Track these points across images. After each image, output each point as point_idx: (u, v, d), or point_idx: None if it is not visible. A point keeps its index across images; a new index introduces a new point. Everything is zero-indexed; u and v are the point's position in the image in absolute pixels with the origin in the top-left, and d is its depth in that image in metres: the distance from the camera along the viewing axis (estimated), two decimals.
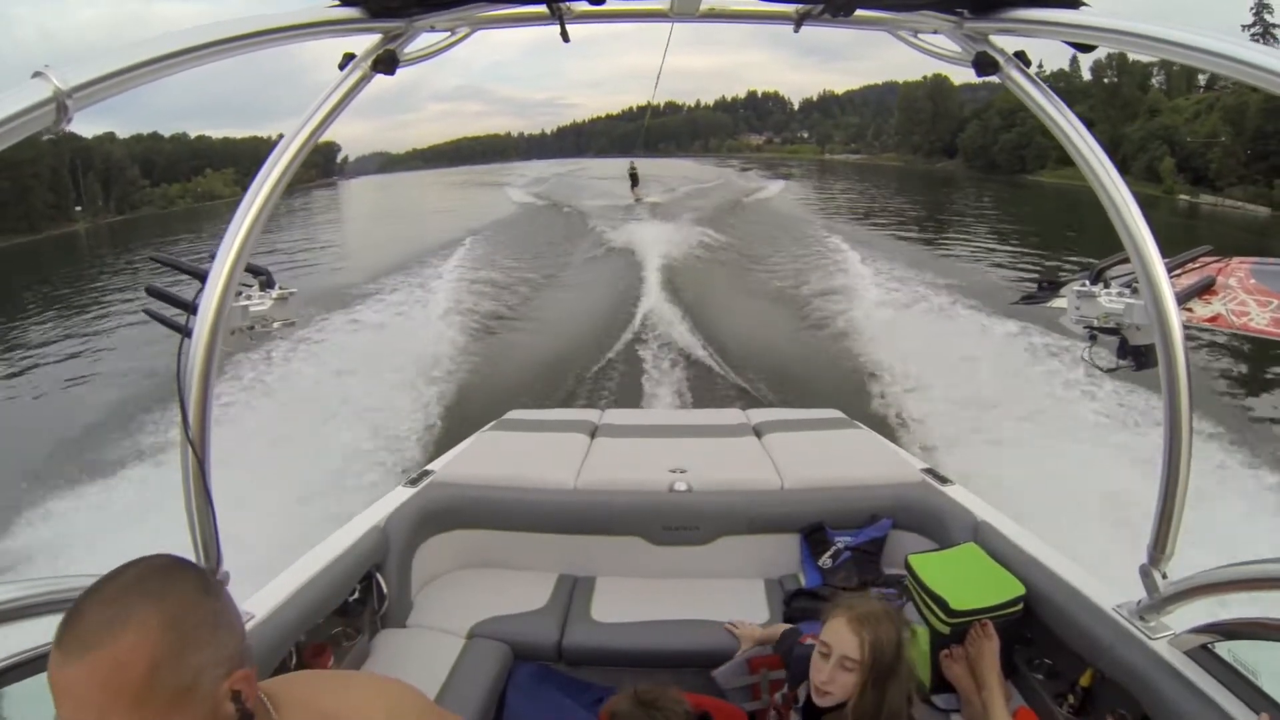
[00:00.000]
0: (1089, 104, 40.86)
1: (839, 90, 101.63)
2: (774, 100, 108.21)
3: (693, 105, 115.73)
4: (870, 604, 1.67)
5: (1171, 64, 41.93)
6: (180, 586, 0.85)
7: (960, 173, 52.17)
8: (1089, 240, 20.14)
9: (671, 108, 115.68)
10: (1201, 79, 41.41)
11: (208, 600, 0.86)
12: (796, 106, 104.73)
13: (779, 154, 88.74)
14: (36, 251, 34.55)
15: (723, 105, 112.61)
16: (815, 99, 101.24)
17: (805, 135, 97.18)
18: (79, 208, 48.28)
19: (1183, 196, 32.88)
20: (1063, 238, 20.97)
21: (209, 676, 0.83)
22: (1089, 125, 1.49)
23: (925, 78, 64.53)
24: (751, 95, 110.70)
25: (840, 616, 1.65)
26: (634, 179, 29.89)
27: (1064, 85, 41.47)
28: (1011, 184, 43.22)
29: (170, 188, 59.21)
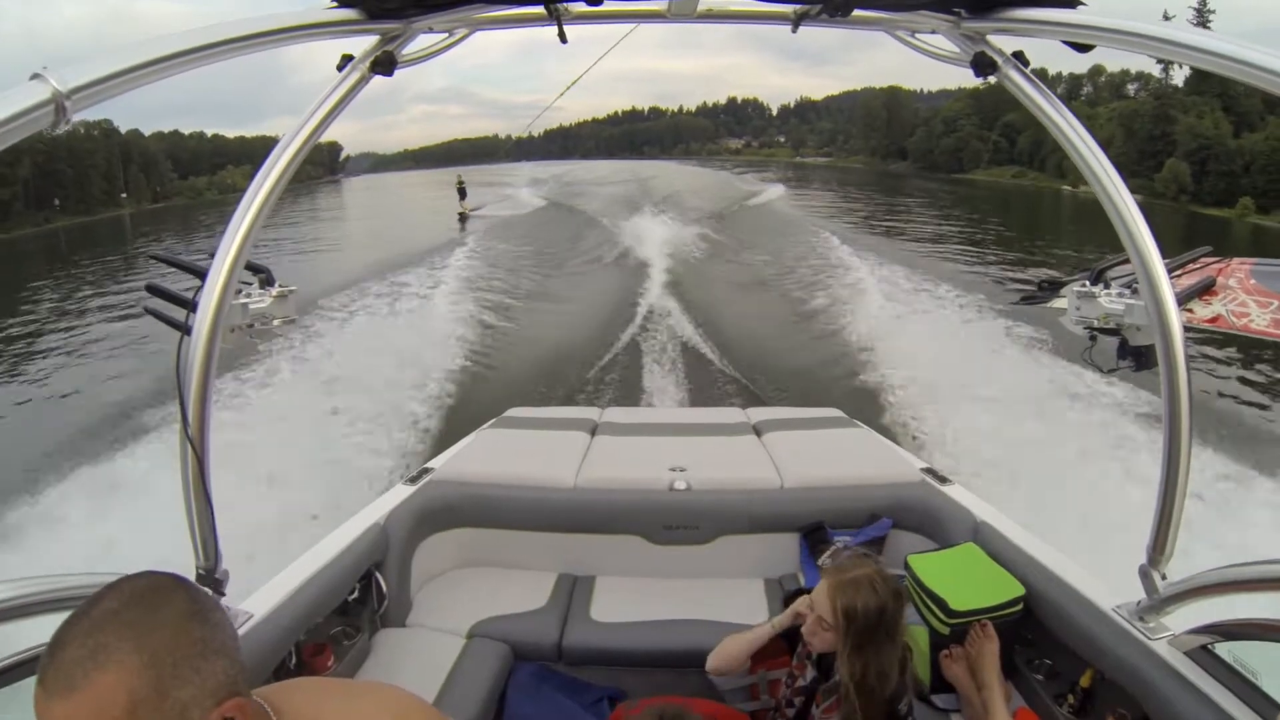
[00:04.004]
0: (1019, 112, 44.21)
1: (819, 96, 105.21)
2: (753, 106, 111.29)
3: (675, 110, 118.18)
4: (856, 571, 1.74)
5: (1099, 76, 49.21)
6: (164, 614, 0.81)
7: (909, 173, 59.24)
8: (1016, 223, 28.07)
9: (655, 112, 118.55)
10: (1131, 89, 47.69)
11: (195, 627, 0.83)
12: (775, 112, 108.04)
13: (756, 157, 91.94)
14: (93, 230, 40.19)
15: (704, 110, 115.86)
16: (792, 105, 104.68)
17: (782, 140, 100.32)
18: (124, 195, 54.49)
19: (1065, 187, 40.31)
20: (991, 222, 26.92)
21: (196, 710, 0.80)
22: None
23: (881, 88, 72.61)
24: (732, 101, 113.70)
25: (825, 579, 1.76)
26: (461, 193, 28.68)
27: (994, 95, 49.16)
28: (949, 181, 50.07)
29: (198, 180, 65.32)
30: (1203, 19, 42.09)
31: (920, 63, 1.69)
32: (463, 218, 26.97)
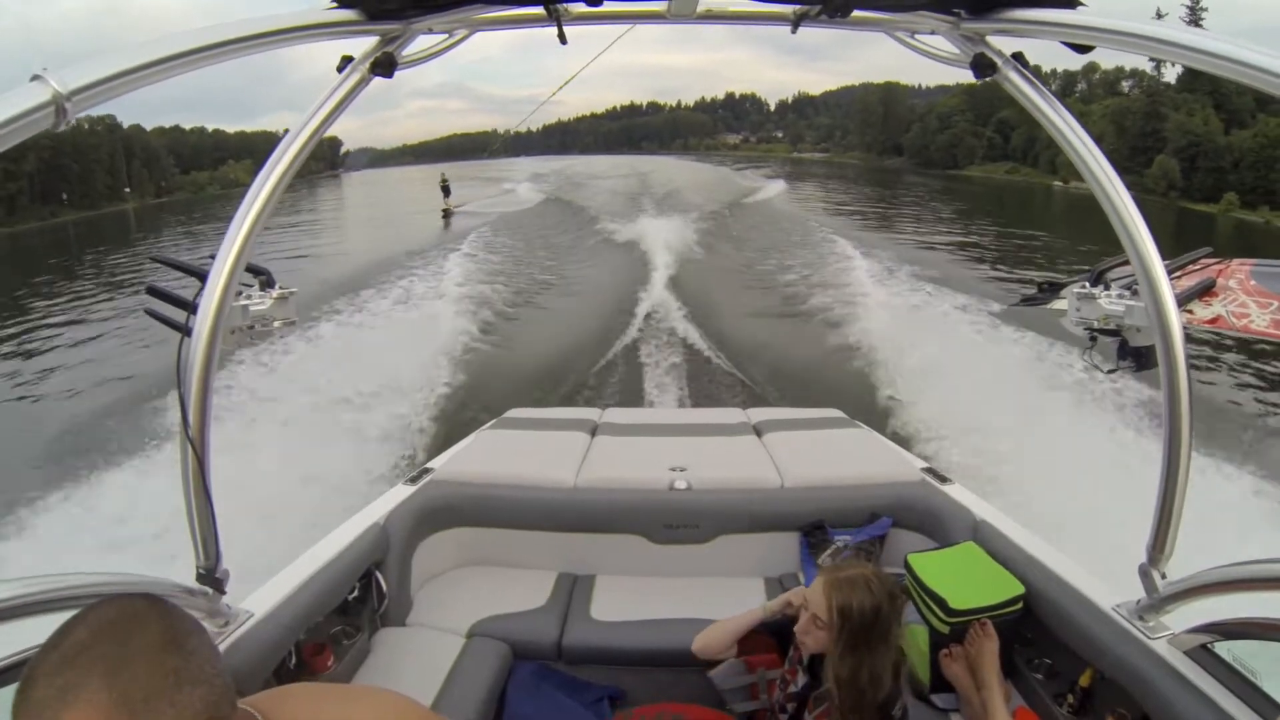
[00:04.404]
0: (1013, 109, 47.67)
1: (816, 91, 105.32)
2: (751, 101, 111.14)
3: (674, 105, 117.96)
4: (854, 570, 1.73)
5: (1093, 73, 50.03)
6: (135, 646, 0.79)
7: (905, 168, 61.06)
8: (1010, 217, 29.55)
9: (654, 107, 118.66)
10: (1126, 85, 48.93)
11: (169, 658, 0.81)
12: (773, 107, 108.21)
13: (754, 152, 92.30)
14: (99, 225, 41.05)
15: (702, 106, 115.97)
16: (790, 101, 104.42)
17: (780, 135, 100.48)
18: (128, 189, 55.45)
19: (1056, 183, 43.28)
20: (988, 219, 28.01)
21: None
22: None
23: (879, 84, 74.28)
24: (730, 96, 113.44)
25: (821, 576, 1.76)
26: (445, 190, 28.30)
27: (988, 92, 50.38)
28: (944, 177, 52.11)
29: (200, 175, 66.23)
30: (1195, 18, 42.59)
31: (918, 59, 1.69)
32: (446, 214, 26.69)
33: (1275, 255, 1.73)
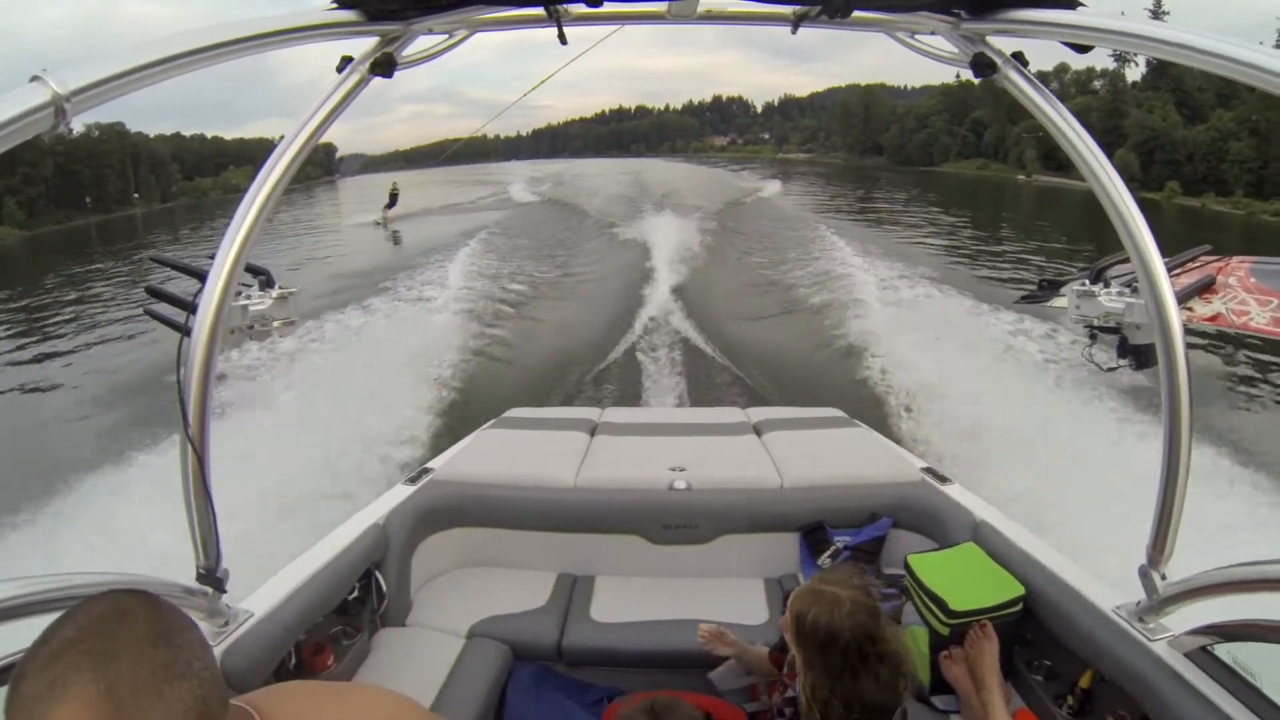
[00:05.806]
0: (987, 109, 51.01)
1: (803, 93, 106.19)
2: (738, 104, 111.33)
3: (662, 108, 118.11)
4: (837, 586, 1.56)
5: (1065, 74, 50.67)
6: (123, 641, 0.79)
7: (884, 166, 63.00)
8: (984, 206, 32.09)
9: (642, 111, 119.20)
10: (1098, 84, 50.02)
11: (157, 652, 0.80)
12: (759, 109, 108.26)
13: (740, 154, 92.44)
14: (110, 227, 42.30)
15: (690, 109, 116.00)
16: (777, 103, 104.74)
17: (766, 137, 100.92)
18: (136, 194, 57.19)
19: (1020, 177, 46.96)
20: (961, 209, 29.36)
21: None
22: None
23: (863, 85, 76.53)
24: (717, 99, 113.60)
25: (812, 579, 1.65)
26: (393, 199, 26.06)
27: (964, 92, 53.21)
28: (921, 174, 53.46)
29: (203, 181, 67.54)
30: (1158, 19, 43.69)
31: (905, 60, 1.70)
32: (379, 226, 24.27)
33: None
